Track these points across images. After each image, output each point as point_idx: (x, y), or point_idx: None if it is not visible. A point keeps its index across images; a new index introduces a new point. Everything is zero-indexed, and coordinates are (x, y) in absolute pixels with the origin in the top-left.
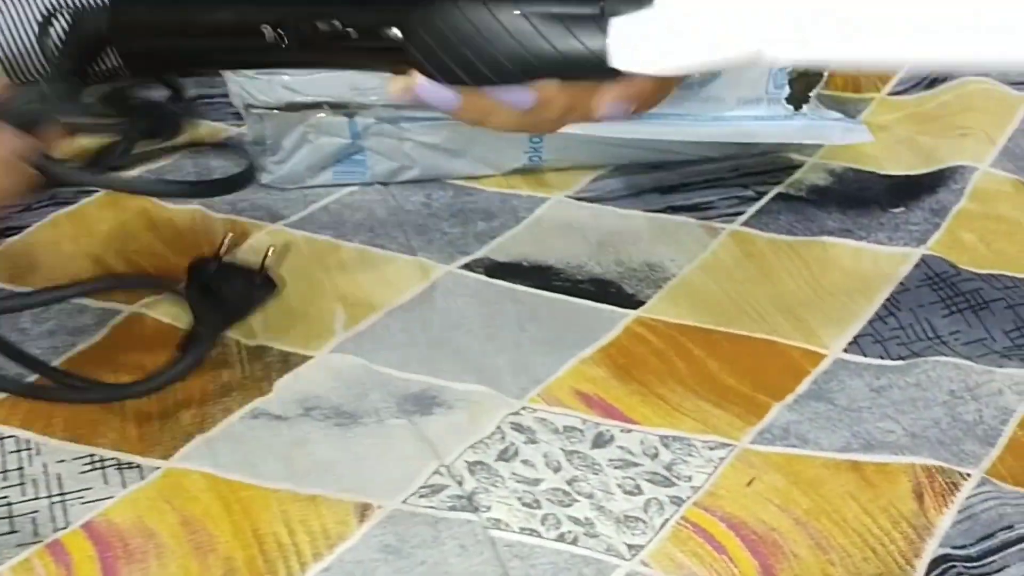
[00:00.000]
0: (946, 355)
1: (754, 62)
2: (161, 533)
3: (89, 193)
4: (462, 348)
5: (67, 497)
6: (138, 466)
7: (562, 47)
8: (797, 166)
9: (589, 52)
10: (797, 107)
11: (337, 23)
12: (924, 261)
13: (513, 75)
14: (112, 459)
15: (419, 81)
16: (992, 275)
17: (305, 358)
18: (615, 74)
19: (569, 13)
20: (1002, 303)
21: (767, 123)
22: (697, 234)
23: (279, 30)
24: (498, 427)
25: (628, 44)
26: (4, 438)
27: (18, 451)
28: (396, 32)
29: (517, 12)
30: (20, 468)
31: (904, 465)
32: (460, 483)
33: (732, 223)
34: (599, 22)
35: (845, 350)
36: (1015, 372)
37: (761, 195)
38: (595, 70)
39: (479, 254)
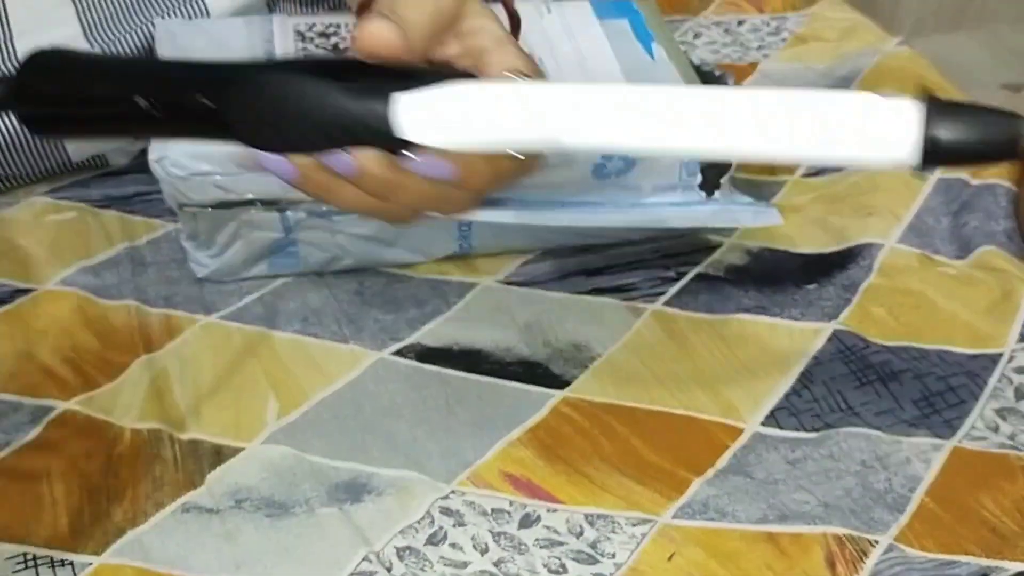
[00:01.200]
0: (858, 426)
1: (551, 147)
2: None
3: (25, 292)
4: (393, 434)
5: None
6: (70, 563)
7: (350, 113)
8: (716, 247)
9: (375, 117)
10: (710, 193)
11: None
12: (836, 335)
13: (311, 141)
14: (44, 557)
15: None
16: (900, 347)
17: (237, 450)
18: (410, 146)
19: (357, 87)
20: (910, 374)
21: (682, 208)
22: (621, 314)
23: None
24: (427, 512)
25: (418, 117)
26: None
27: None
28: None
29: (310, 81)
30: None
31: (817, 535)
32: (389, 569)
33: (654, 303)
34: (383, 94)
35: (762, 424)
36: (922, 441)
37: (682, 275)
38: (384, 137)
39: (410, 340)
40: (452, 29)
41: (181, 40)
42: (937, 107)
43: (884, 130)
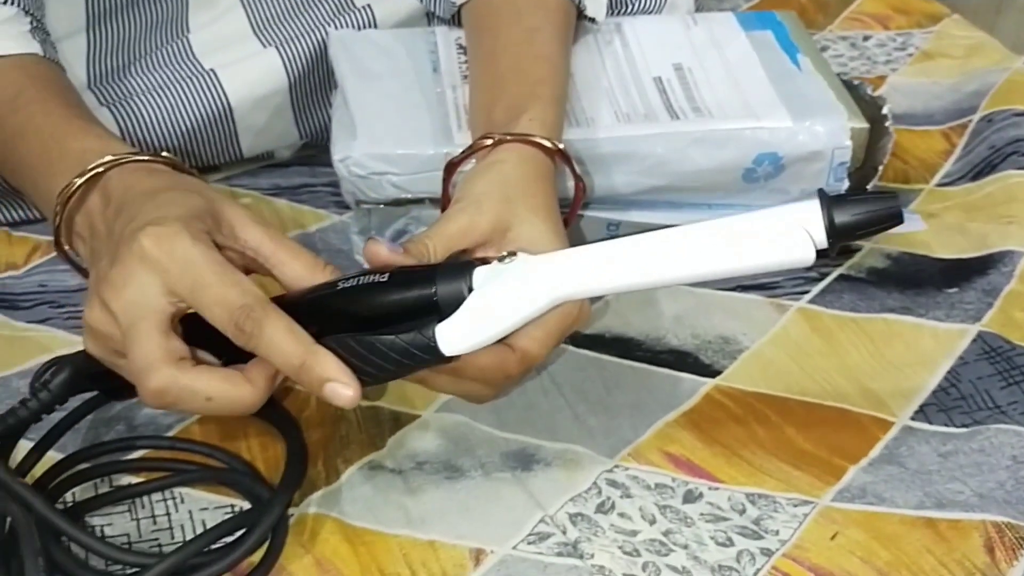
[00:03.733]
0: (1006, 423)
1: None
2: (297, 572)
3: None
4: (555, 411)
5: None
6: None
7: (408, 354)
8: (855, 250)
9: (433, 359)
10: None
11: None
12: (980, 337)
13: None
14: (249, 508)
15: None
16: None
17: (413, 417)
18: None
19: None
20: None
21: None
22: (766, 311)
23: None
24: (594, 483)
25: (454, 340)
26: (151, 491)
27: (164, 500)
28: None
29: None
30: (167, 514)
31: (975, 522)
32: (564, 532)
33: (799, 301)
34: (427, 327)
35: (912, 418)
36: None
37: (824, 276)
38: (439, 360)
39: None
40: (497, 241)
41: (352, 50)
42: (830, 201)
43: (796, 233)
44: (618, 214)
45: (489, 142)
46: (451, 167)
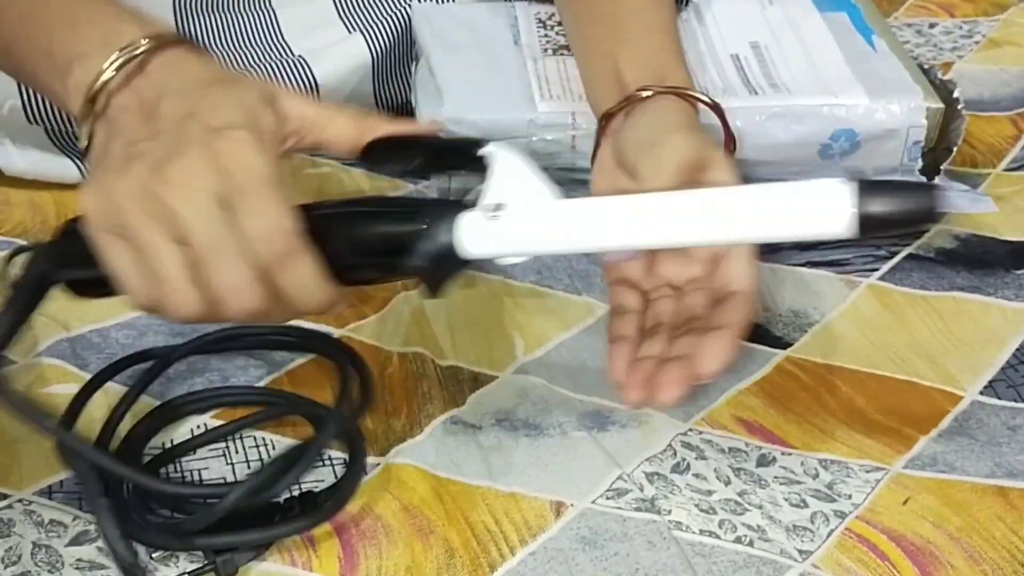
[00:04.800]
0: None
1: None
2: (386, 517)
3: None
4: None
5: (303, 485)
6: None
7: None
8: (923, 230)
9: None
10: (930, 178)
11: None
12: None
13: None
14: (339, 458)
15: None
16: None
17: (492, 377)
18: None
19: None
20: None
21: None
22: (836, 286)
23: None
24: (669, 444)
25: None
26: (244, 437)
27: (257, 446)
28: None
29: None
30: (260, 460)
31: None
32: (641, 489)
33: (869, 277)
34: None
35: (981, 393)
36: None
37: (893, 254)
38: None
39: None
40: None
41: (436, 24)
42: (867, 186)
43: (824, 209)
44: None
45: (645, 94)
46: (607, 116)
